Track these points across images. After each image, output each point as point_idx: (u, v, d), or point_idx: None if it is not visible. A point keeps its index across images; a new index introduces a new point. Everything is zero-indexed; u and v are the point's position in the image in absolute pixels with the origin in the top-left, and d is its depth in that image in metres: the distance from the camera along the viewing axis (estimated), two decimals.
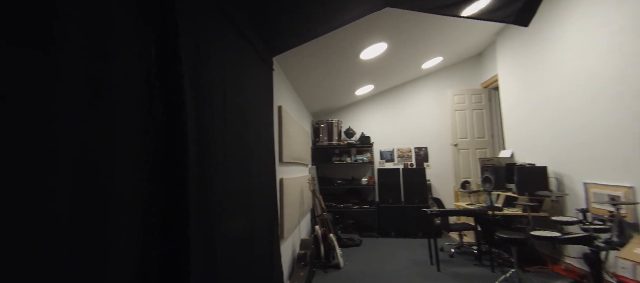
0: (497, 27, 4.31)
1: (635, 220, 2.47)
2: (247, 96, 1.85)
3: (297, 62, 3.22)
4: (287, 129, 3.11)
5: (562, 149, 3.32)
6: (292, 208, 3.14)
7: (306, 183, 4.00)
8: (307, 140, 4.83)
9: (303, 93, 4.40)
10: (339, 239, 4.35)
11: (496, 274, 3.14)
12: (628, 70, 2.51)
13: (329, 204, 5.26)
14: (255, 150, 1.94)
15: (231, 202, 1.48)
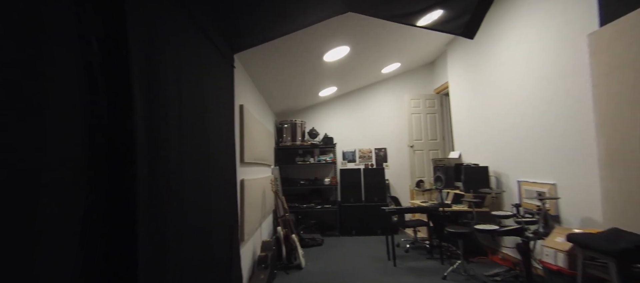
0: (448, 38, 4.69)
1: (557, 213, 2.86)
2: (207, 93, 1.78)
3: (261, 61, 3.17)
4: (249, 128, 3.05)
5: (500, 150, 3.72)
6: (254, 210, 3.09)
7: (269, 184, 3.95)
8: (270, 140, 4.78)
9: (266, 92, 4.34)
10: (301, 239, 4.37)
11: (445, 266, 3.41)
12: (551, 81, 2.90)
13: (292, 205, 5.25)
14: (215, 150, 1.88)
15: (186, 204, 1.42)
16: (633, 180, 1.95)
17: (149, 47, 1.15)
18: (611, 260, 1.71)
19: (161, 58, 1.26)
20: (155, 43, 1.21)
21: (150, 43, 1.16)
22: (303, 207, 5.29)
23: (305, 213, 5.34)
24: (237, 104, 2.69)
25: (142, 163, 1.02)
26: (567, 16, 2.69)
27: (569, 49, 2.67)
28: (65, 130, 0.77)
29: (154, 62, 1.18)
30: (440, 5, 2.67)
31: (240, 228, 2.59)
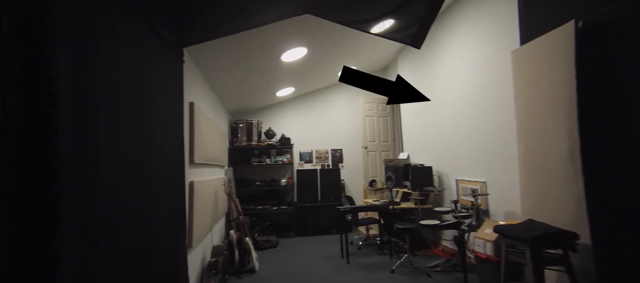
0: (399, 46, 5.01)
1: (487, 208, 3.24)
2: (151, 88, 1.64)
3: (214, 57, 3.03)
4: (200, 127, 2.88)
5: (442, 152, 4.09)
6: (204, 213, 2.93)
7: (221, 186, 3.78)
8: (223, 140, 4.58)
9: (220, 90, 4.15)
10: (255, 242, 4.26)
11: (394, 260, 3.63)
12: (482, 91, 3.28)
13: (247, 207, 5.10)
14: (160, 149, 1.74)
15: (123, 210, 1.29)
16: (544, 179, 2.30)
17: (79, 35, 1.02)
18: (526, 247, 1.99)
19: (95, 48, 1.13)
20: (87, 31, 1.08)
21: (80, 30, 1.03)
22: (258, 208, 5.17)
23: (260, 215, 5.23)
24: (186, 101, 2.53)
25: (66, 167, 0.90)
26: (496, 34, 3.06)
27: (497, 63, 3.04)
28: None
29: (84, 52, 1.05)
30: (391, 16, 2.83)
31: (189, 234, 2.43)
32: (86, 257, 1.00)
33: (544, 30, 2.30)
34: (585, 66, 2.00)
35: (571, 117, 2.05)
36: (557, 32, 2.17)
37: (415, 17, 2.84)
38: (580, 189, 1.99)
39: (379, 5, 2.75)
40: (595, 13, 1.99)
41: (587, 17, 2.02)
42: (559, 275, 2.12)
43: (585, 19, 2.03)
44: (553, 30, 2.20)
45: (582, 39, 2.01)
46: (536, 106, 2.37)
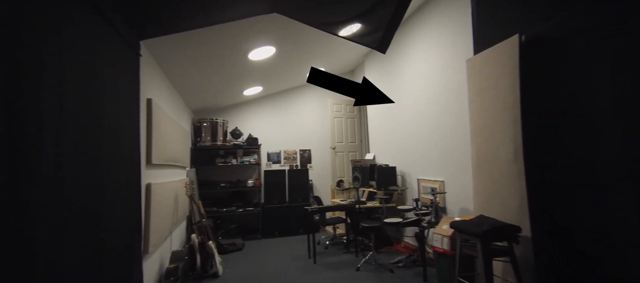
0: (366, 50, 5.15)
1: (444, 205, 3.45)
2: (100, 83, 1.51)
3: (176, 52, 2.87)
4: (158, 125, 2.71)
5: (405, 152, 4.28)
6: (162, 217, 2.75)
7: (182, 188, 3.59)
8: (185, 139, 4.35)
9: (182, 87, 3.94)
10: (219, 246, 4.11)
11: (359, 258, 3.72)
12: (441, 95, 3.50)
13: (210, 209, 4.90)
14: (110, 149, 1.60)
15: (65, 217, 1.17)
16: (493, 178, 2.51)
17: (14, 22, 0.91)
18: (477, 241, 2.16)
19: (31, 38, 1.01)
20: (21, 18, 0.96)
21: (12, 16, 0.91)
22: (223, 211, 4.99)
23: (225, 218, 5.05)
24: (143, 97, 2.36)
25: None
26: (453, 42, 3.29)
27: (454, 70, 3.26)
28: None
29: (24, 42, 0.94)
30: (358, 20, 2.91)
31: (145, 239, 2.28)
32: (22, 254, 0.89)
33: (493, 42, 2.51)
34: (527, 75, 2.22)
35: (516, 121, 2.27)
36: (504, 44, 2.39)
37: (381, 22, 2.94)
38: (523, 187, 2.21)
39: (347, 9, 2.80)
40: (535, 28, 2.22)
41: (529, 31, 2.25)
42: (505, 265, 2.33)
43: (527, 33, 2.26)
44: (501, 43, 2.42)
45: (525, 51, 2.24)
46: (487, 111, 2.58)
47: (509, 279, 2.30)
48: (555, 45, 2.09)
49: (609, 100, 1.78)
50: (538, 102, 2.19)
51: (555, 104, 2.09)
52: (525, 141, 2.21)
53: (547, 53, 2.14)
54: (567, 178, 2.02)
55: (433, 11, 3.64)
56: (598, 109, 1.84)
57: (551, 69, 2.12)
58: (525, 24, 2.28)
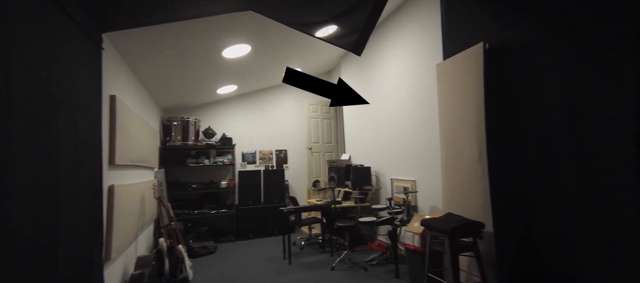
0: (342, 52, 5.22)
1: (416, 204, 3.58)
2: (56, 77, 1.39)
3: (144, 47, 2.72)
4: (123, 124, 2.55)
5: (379, 153, 4.39)
6: (127, 221, 2.60)
7: (150, 190, 3.41)
8: (154, 139, 4.14)
9: (150, 85, 3.75)
10: (189, 249, 3.96)
11: (334, 257, 3.75)
12: (413, 98, 3.63)
13: (181, 212, 4.70)
14: (67, 150, 1.48)
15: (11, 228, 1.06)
16: (460, 177, 2.64)
17: None
18: (445, 237, 2.26)
19: None
20: None
21: None
22: (194, 213, 4.81)
23: (196, 220, 4.87)
24: (106, 93, 2.21)
25: None
26: (424, 47, 3.42)
27: (425, 73, 3.40)
28: None
29: None
30: (334, 21, 2.94)
31: (107, 245, 2.13)
32: None
33: (460, 48, 2.65)
34: (491, 81, 2.37)
35: (480, 124, 2.41)
36: (470, 51, 2.53)
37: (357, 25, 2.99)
38: (487, 185, 2.35)
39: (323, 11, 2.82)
40: (497, 38, 2.37)
41: (492, 40, 2.40)
42: (470, 260, 2.47)
43: (491, 41, 2.41)
44: (467, 49, 2.56)
45: (489, 58, 2.38)
46: (454, 114, 2.72)
47: (473, 273, 2.44)
48: (514, 54, 2.25)
49: (559, 103, 1.95)
50: (500, 106, 2.34)
51: (514, 108, 2.25)
52: (488, 143, 2.35)
53: (507, 60, 2.30)
54: (525, 178, 2.18)
55: (406, 17, 3.77)
56: (550, 112, 2.00)
57: (511, 75, 2.28)
58: (488, 33, 2.43)
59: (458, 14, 2.82)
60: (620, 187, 1.64)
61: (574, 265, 1.89)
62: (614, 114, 1.67)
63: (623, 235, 1.63)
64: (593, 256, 1.78)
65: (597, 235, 1.76)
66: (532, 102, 2.13)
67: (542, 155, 2.06)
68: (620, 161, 1.63)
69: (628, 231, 1.61)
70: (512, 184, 2.27)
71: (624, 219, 1.62)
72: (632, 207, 1.58)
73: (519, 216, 2.22)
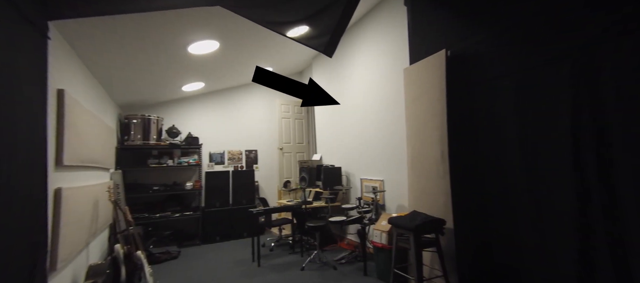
0: (314, 52, 5.23)
1: (383, 203, 3.69)
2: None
3: (99, 39, 2.50)
4: (73, 121, 2.33)
5: (350, 153, 4.47)
6: (77, 227, 2.37)
7: (105, 193, 3.15)
8: (109, 137, 3.83)
9: (106, 79, 3.46)
10: (150, 255, 3.72)
11: (304, 258, 3.75)
12: (382, 100, 3.75)
13: (141, 216, 4.40)
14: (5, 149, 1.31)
15: None
16: (424, 177, 2.78)
17: None
18: (410, 234, 2.36)
19: None
20: None
21: None
22: (156, 216, 4.52)
23: (158, 224, 4.59)
24: (52, 87, 2.00)
25: None
26: (393, 51, 3.54)
27: (394, 77, 3.52)
28: None
29: None
30: (306, 22, 2.94)
31: (52, 255, 1.93)
32: None
33: (425, 54, 2.79)
34: (452, 86, 2.52)
35: (443, 126, 2.55)
36: (434, 57, 2.66)
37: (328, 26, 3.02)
38: (448, 184, 2.49)
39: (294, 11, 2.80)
40: (457, 46, 2.53)
41: (453, 48, 2.56)
42: (432, 255, 2.60)
43: (452, 49, 2.56)
44: (431, 56, 2.70)
45: (451, 65, 2.53)
46: (420, 116, 2.85)
47: (435, 267, 2.57)
48: (472, 62, 2.42)
49: (510, 109, 2.13)
50: (460, 110, 2.50)
51: (473, 112, 2.42)
52: (450, 144, 2.50)
53: (466, 68, 2.46)
54: (481, 177, 2.35)
55: (375, 21, 3.88)
56: (502, 117, 2.18)
57: (470, 82, 2.44)
58: (450, 41, 2.59)
59: (423, 21, 2.96)
60: (558, 185, 1.83)
61: (518, 258, 2.07)
62: (554, 119, 1.86)
63: (558, 231, 1.82)
64: (534, 249, 1.96)
65: (538, 230, 1.95)
66: (487, 107, 2.30)
67: (494, 156, 2.24)
68: (559, 162, 1.82)
69: (563, 227, 1.80)
70: (470, 183, 2.43)
71: (560, 215, 1.81)
72: (567, 204, 1.78)
73: (476, 213, 2.39)
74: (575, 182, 1.73)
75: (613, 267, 1.58)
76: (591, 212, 1.68)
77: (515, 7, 2.10)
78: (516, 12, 2.10)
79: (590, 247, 1.68)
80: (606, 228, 1.61)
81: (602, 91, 1.64)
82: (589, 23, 1.69)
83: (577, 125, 1.74)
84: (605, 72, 1.63)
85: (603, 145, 1.63)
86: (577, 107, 1.74)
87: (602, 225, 1.63)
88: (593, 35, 1.68)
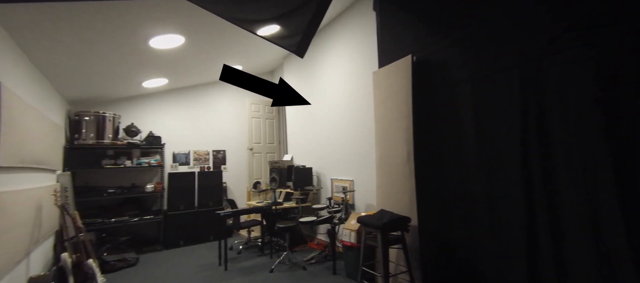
0: (285, 52, 5.19)
1: (353, 202, 3.76)
2: None
3: (43, 28, 2.25)
4: (11, 116, 2.07)
5: (321, 153, 4.49)
6: (15, 235, 2.11)
7: (50, 197, 2.85)
8: (56, 136, 3.48)
9: (52, 71, 3.13)
10: (103, 263, 3.43)
11: (274, 259, 3.69)
12: (352, 102, 3.82)
13: (94, 221, 4.04)
14: None
15: None
16: (391, 176, 2.87)
17: None
18: (378, 232, 2.43)
19: None
20: None
21: None
22: (111, 221, 4.18)
23: (113, 230, 4.25)
24: None
25: None
26: (363, 54, 3.63)
27: (363, 79, 3.61)
28: None
29: None
30: (277, 21, 2.90)
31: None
32: None
33: (393, 58, 2.89)
34: (418, 89, 2.64)
35: (409, 128, 2.66)
36: (401, 61, 2.77)
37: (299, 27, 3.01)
38: (413, 184, 2.60)
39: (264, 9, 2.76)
40: (423, 51, 2.66)
41: (419, 53, 2.68)
42: (398, 251, 2.70)
43: (418, 54, 2.69)
44: (399, 60, 2.80)
45: (417, 69, 2.65)
46: (388, 118, 2.94)
47: (400, 263, 2.67)
48: (436, 67, 2.55)
49: (469, 112, 2.28)
50: (425, 113, 2.62)
51: (436, 115, 2.55)
52: (415, 145, 2.61)
53: (430, 72, 2.60)
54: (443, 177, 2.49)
55: (347, 24, 3.95)
56: (462, 119, 2.33)
57: (434, 86, 2.58)
58: (416, 47, 2.71)
59: (391, 27, 3.07)
60: (509, 187, 2.00)
61: (477, 254, 2.22)
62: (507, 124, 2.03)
63: (510, 229, 1.99)
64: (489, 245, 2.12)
65: (493, 228, 2.11)
66: (449, 111, 2.44)
67: (456, 158, 2.39)
68: (510, 166, 1.99)
69: (514, 226, 1.96)
70: (434, 183, 2.56)
71: (511, 215, 1.98)
72: (516, 204, 1.94)
73: (439, 211, 2.52)
74: (524, 185, 1.90)
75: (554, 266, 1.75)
76: (536, 212, 1.85)
77: (474, 16, 2.26)
78: (474, 22, 2.25)
79: (535, 245, 1.85)
80: (550, 228, 1.78)
81: (547, 99, 1.82)
82: (537, 35, 1.87)
83: (524, 130, 1.91)
84: (549, 81, 1.81)
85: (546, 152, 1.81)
86: (525, 113, 1.92)
87: (548, 225, 1.79)
88: (539, 47, 1.85)
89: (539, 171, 1.83)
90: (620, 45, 1.51)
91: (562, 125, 1.74)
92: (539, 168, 1.83)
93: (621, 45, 1.51)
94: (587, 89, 1.63)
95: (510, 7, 2.01)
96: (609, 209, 1.52)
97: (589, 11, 1.63)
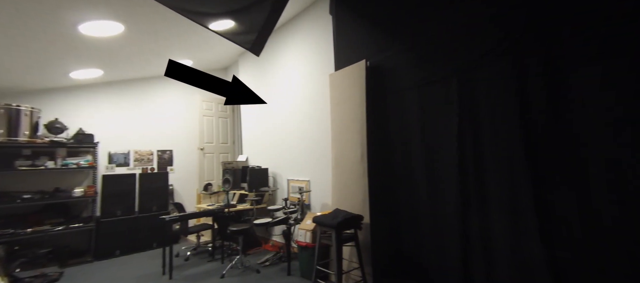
0: (240, 49, 4.99)
1: (309, 202, 3.78)
2: None
3: None
4: None
5: (277, 154, 4.43)
6: None
7: None
8: None
9: None
10: (16, 281, 2.91)
11: (225, 264, 3.53)
12: (309, 103, 3.85)
13: (4, 232, 3.41)
14: None
15: None
16: (345, 177, 2.96)
17: None
18: (332, 231, 2.48)
19: None
20: None
21: None
22: (26, 232, 3.57)
23: (29, 241, 3.64)
24: None
25: None
26: (321, 56, 3.68)
27: (321, 81, 3.65)
28: None
29: None
30: (231, 16, 2.79)
31: None
32: None
33: (349, 62, 2.99)
34: (371, 93, 2.76)
35: (362, 130, 2.77)
36: (356, 66, 2.88)
37: (255, 25, 2.93)
38: (366, 183, 2.72)
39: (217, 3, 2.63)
40: (376, 57, 2.80)
41: (372, 58, 2.82)
42: (351, 249, 2.79)
43: (371, 60, 2.82)
44: (354, 64, 2.91)
45: (370, 74, 2.78)
46: (343, 120, 3.03)
47: (353, 260, 2.77)
48: (387, 73, 2.71)
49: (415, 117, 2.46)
50: (377, 115, 2.76)
51: (387, 118, 2.71)
52: (368, 146, 2.74)
53: (382, 77, 2.75)
54: (393, 177, 2.65)
55: (304, 26, 3.96)
56: (409, 123, 2.51)
57: (385, 90, 2.73)
58: (370, 52, 2.84)
59: (346, 31, 3.17)
60: (447, 190, 2.21)
61: (420, 249, 2.41)
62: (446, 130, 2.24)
63: (448, 229, 2.21)
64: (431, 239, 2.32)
65: (435, 227, 2.31)
66: (399, 115, 2.61)
67: (404, 160, 2.56)
68: (449, 170, 2.20)
69: (451, 225, 2.18)
70: (385, 182, 2.71)
71: (449, 216, 2.20)
72: (454, 205, 2.16)
73: (389, 209, 2.67)
74: (460, 188, 2.12)
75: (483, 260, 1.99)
76: (468, 213, 2.08)
77: (420, 27, 2.45)
78: (420, 32, 2.45)
79: (468, 243, 2.08)
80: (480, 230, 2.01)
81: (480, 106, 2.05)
82: (472, 49, 2.10)
83: (462, 136, 2.13)
84: (480, 91, 2.04)
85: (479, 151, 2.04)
86: (461, 118, 2.14)
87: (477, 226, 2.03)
88: (473, 59, 2.09)
89: (472, 167, 2.06)
90: (533, 66, 1.80)
91: (490, 128, 1.99)
92: (472, 165, 2.07)
93: (533, 67, 1.80)
94: (510, 99, 1.89)
95: (450, 22, 2.23)
96: (525, 192, 1.80)
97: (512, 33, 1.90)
